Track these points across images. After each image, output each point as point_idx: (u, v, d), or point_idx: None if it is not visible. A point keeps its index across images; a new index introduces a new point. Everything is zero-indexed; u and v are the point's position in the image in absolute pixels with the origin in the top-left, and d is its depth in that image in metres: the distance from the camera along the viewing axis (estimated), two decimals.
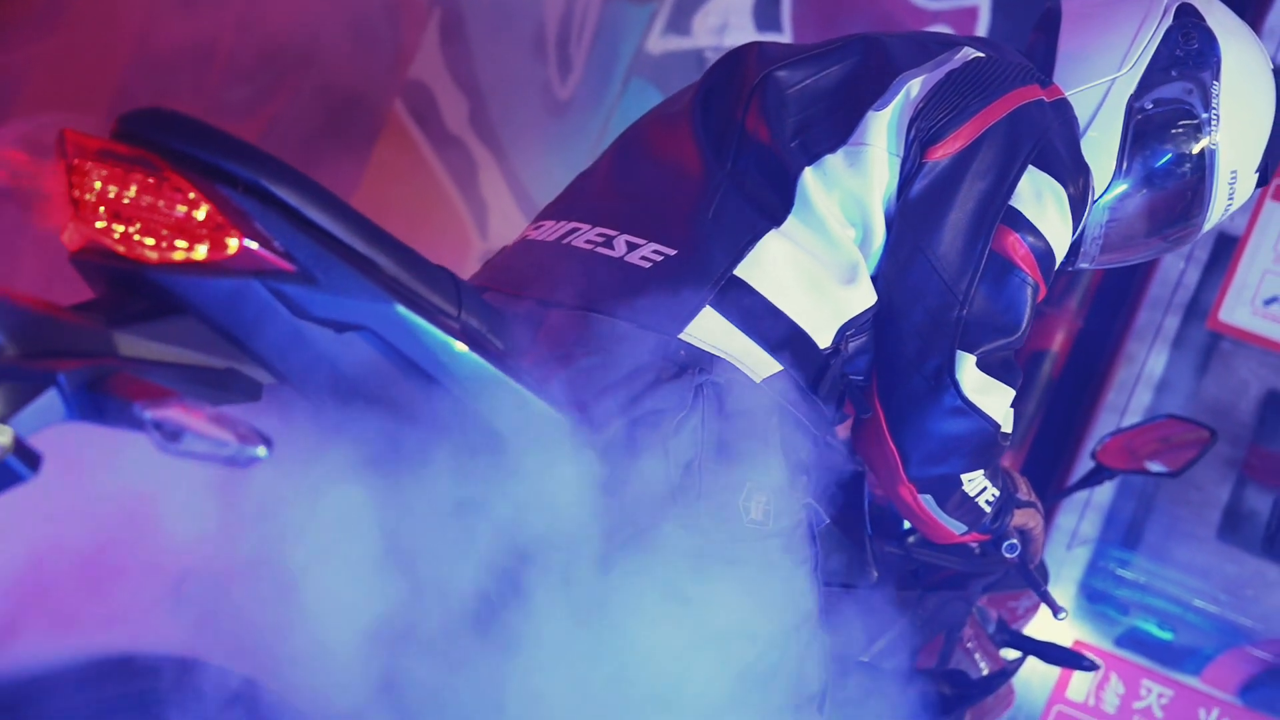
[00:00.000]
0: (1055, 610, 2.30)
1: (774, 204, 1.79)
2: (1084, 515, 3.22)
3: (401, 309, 1.30)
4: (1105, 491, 3.15)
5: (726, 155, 1.85)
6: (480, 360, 1.37)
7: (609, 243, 1.83)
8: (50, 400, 1.11)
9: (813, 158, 1.80)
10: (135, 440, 1.13)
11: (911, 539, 2.30)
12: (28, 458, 1.04)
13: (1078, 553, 3.22)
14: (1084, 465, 3.14)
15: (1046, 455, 3.44)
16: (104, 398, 1.11)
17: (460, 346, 1.35)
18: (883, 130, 1.80)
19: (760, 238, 1.76)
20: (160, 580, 1.26)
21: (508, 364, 1.40)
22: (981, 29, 3.50)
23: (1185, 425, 2.47)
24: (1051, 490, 3.06)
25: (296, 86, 3.34)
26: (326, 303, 1.27)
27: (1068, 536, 3.23)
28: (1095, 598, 3.21)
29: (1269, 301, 3.17)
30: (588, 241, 1.84)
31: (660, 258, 1.77)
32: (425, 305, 1.34)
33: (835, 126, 1.83)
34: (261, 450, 1.06)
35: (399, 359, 1.33)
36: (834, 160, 1.79)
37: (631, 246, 1.81)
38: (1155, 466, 2.45)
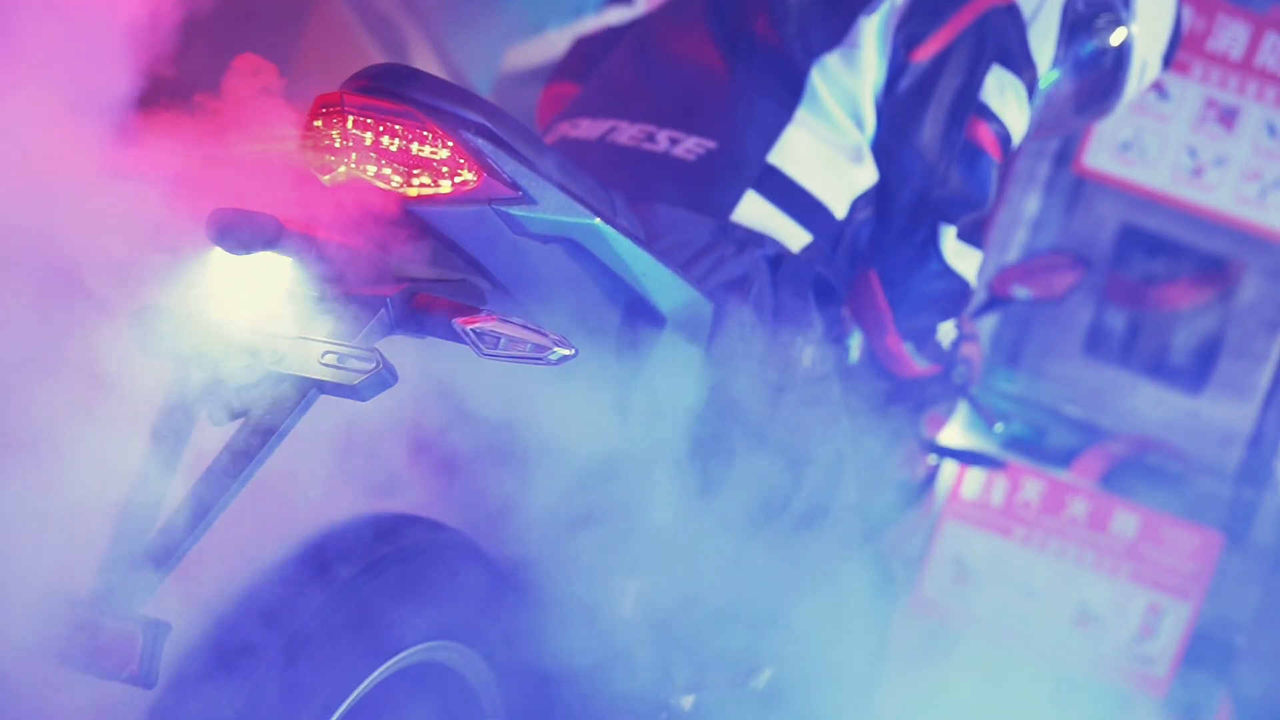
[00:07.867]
0: (991, 422, 2.77)
1: (788, 98, 2.10)
2: None
3: (599, 222, 1.57)
4: (990, 318, 3.61)
5: (741, 56, 2.16)
6: (648, 255, 1.64)
7: (651, 138, 2.12)
8: (381, 319, 1.36)
9: (814, 56, 2.13)
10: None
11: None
12: (390, 370, 1.29)
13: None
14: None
15: None
16: (422, 313, 1.37)
17: (635, 247, 1.63)
18: (872, 33, 2.11)
19: (784, 128, 2.09)
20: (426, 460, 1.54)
21: (659, 254, 1.69)
22: None
23: (1065, 257, 2.87)
24: None
25: None
26: (542, 222, 1.53)
27: None
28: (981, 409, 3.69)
29: (1124, 147, 3.62)
30: (630, 138, 2.13)
31: (703, 150, 2.08)
32: (603, 215, 1.61)
33: (830, 29, 2.13)
34: (569, 350, 1.33)
35: (590, 261, 1.60)
36: (832, 60, 2.11)
37: (674, 141, 2.10)
38: (1041, 294, 2.85)
